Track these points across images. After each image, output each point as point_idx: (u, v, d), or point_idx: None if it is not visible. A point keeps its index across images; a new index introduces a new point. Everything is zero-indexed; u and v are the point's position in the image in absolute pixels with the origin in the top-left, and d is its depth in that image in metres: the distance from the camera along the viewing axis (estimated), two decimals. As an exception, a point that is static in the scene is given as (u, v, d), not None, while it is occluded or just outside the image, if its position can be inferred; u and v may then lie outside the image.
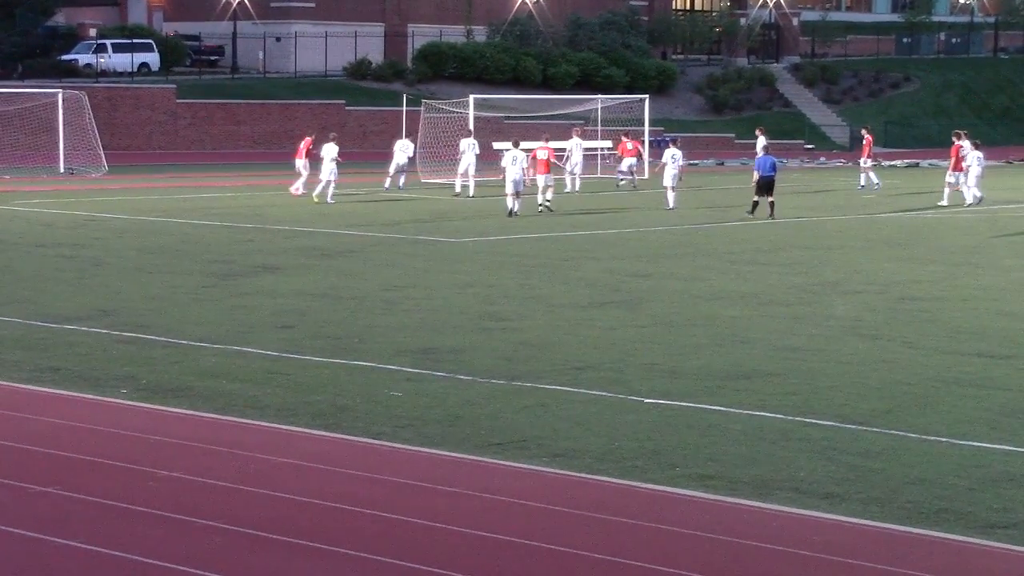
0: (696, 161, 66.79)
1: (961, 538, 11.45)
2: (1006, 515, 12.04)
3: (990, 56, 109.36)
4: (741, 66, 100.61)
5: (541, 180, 43.04)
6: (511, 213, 40.79)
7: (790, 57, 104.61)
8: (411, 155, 51.67)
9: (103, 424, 15.30)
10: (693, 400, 16.48)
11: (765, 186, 40.91)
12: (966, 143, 46.50)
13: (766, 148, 44.36)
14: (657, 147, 61.03)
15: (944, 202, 45.98)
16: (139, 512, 11.85)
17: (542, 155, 43.49)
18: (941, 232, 38.61)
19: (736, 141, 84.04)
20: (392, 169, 50.93)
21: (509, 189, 41.07)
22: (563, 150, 51.66)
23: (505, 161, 41.75)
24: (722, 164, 73.30)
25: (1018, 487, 12.91)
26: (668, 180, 43.92)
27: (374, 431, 14.95)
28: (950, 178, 46.43)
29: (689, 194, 47.77)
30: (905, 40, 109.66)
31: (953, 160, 46.36)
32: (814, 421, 15.44)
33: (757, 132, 51.60)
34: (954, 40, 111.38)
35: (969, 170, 45.99)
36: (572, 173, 51.64)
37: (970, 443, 14.51)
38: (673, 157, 44.03)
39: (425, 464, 13.77)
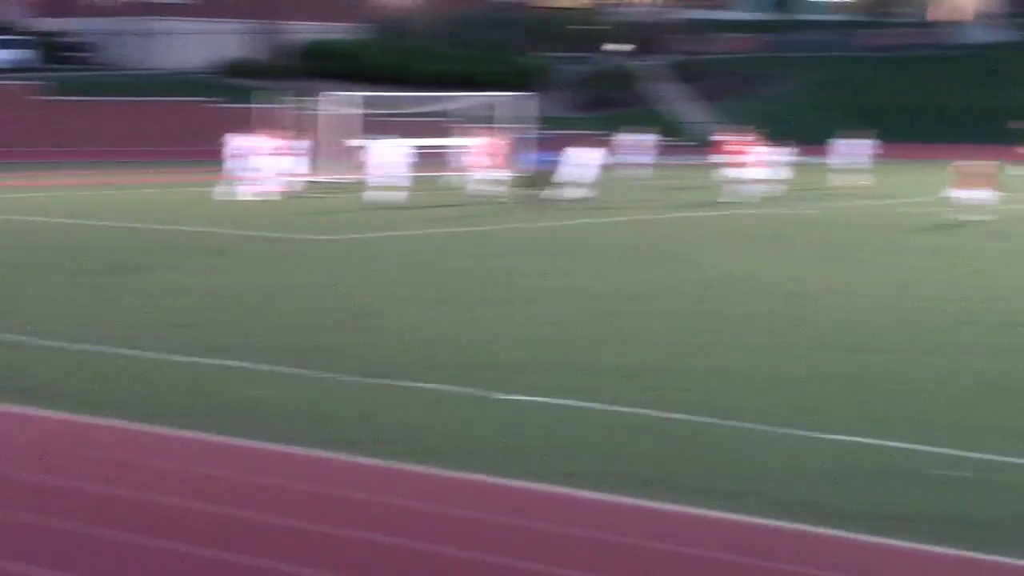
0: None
1: (821, 529, 11.52)
2: (863, 506, 12.17)
3: (859, 54, 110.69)
4: (614, 63, 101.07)
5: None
6: (392, 207, 41.09)
7: (662, 54, 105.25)
8: (301, 154, 50.91)
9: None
10: (579, 397, 16.41)
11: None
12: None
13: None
14: (539, 144, 61.04)
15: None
16: None
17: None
18: (808, 228, 39.04)
19: (609, 137, 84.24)
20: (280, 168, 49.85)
21: (390, 183, 41.53)
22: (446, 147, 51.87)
23: (385, 156, 41.98)
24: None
25: (875, 478, 13.11)
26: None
27: (240, 430, 14.76)
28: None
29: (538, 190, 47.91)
30: (777, 38, 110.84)
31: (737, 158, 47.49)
32: (701, 419, 15.50)
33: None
34: (824, 38, 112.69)
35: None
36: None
37: (852, 438, 14.59)
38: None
39: (290, 464, 13.66)
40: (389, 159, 44.78)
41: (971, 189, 38.93)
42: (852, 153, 57.04)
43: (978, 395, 16.95)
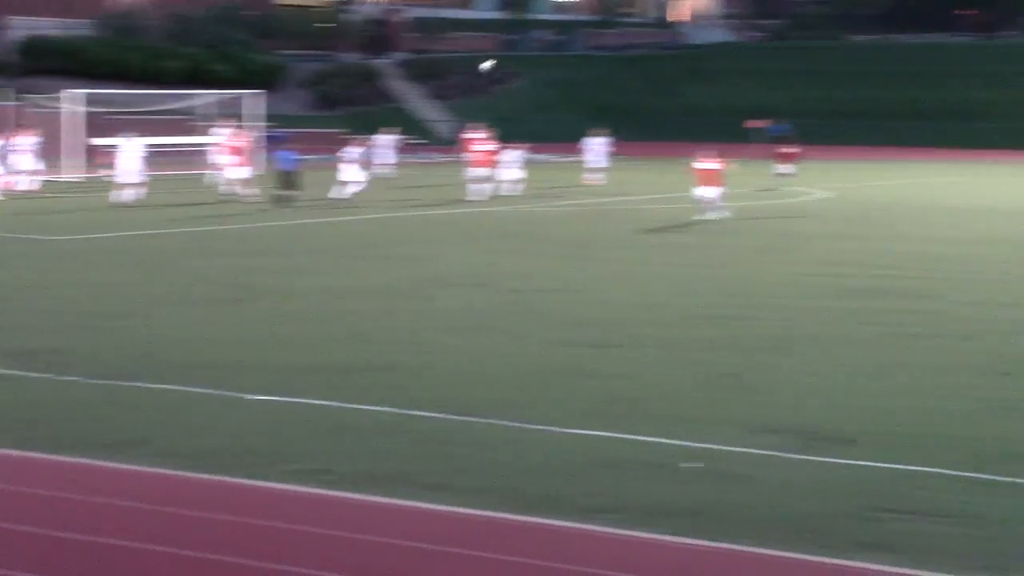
0: (310, 156, 66.46)
1: (568, 523, 11.73)
2: (608, 499, 12.39)
3: (589, 53, 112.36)
4: (348, 62, 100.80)
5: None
6: (138, 206, 40.68)
7: (397, 53, 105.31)
8: (31, 152, 49.20)
9: None
10: (307, 396, 16.44)
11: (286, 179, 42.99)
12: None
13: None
14: (270, 143, 60.62)
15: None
16: None
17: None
18: (546, 225, 39.46)
19: (344, 136, 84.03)
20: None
21: (124, 180, 41.22)
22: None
23: (130, 154, 41.61)
24: (332, 160, 73.21)
25: (620, 472, 13.32)
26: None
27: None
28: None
29: (311, 192, 47.53)
30: (508, 37, 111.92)
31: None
32: (430, 414, 15.58)
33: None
34: (556, 38, 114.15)
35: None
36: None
37: (578, 431, 14.87)
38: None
39: (29, 468, 13.37)
40: (133, 158, 44.04)
41: (708, 187, 39.68)
42: (591, 151, 57.61)
43: (708, 388, 17.29)
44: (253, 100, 61.88)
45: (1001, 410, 16.00)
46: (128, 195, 43.35)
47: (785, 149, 55.03)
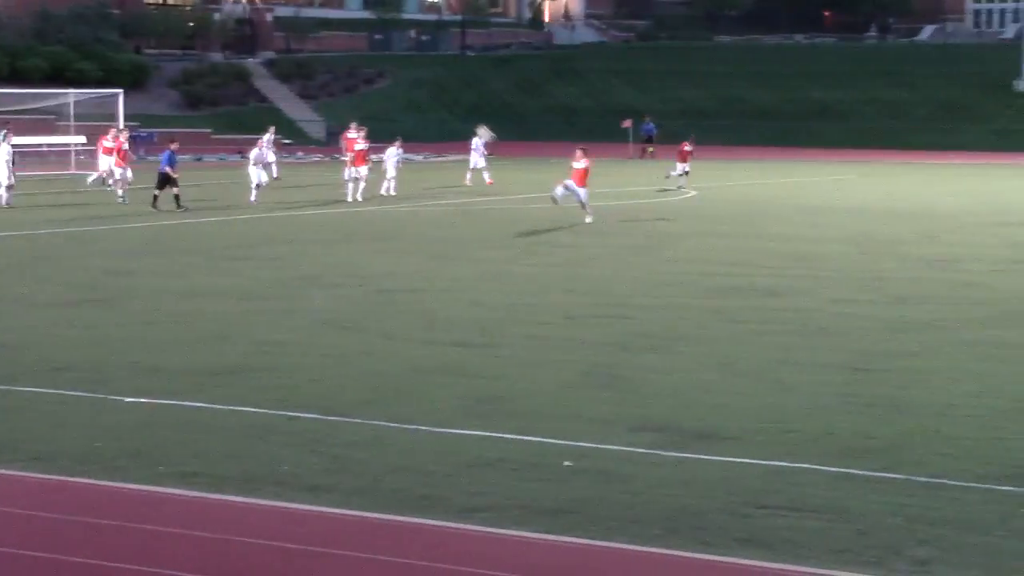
0: (185, 156, 66.01)
1: (442, 523, 11.75)
2: (482, 499, 12.43)
3: (458, 53, 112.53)
4: (216, 61, 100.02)
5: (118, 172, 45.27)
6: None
7: (265, 53, 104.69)
8: None
9: None
10: (176, 398, 16.33)
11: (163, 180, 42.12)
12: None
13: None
14: (135, 142, 60.00)
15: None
16: None
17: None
18: (416, 225, 39.46)
19: (213, 136, 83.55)
20: None
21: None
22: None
23: None
24: (200, 160, 72.70)
25: (492, 471, 13.35)
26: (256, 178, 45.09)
27: None
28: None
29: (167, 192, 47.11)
30: (377, 37, 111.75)
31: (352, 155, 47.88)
32: (297, 414, 15.55)
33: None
34: (424, 37, 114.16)
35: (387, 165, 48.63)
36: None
37: (448, 430, 14.91)
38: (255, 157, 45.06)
39: None
40: (1, 160, 43.39)
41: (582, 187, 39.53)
42: (470, 151, 57.50)
43: (581, 386, 17.37)
44: (116, 100, 61.18)
45: (859, 405, 16.25)
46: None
47: (686, 147, 55.14)
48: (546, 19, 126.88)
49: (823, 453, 14.05)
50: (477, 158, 56.35)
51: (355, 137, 48.97)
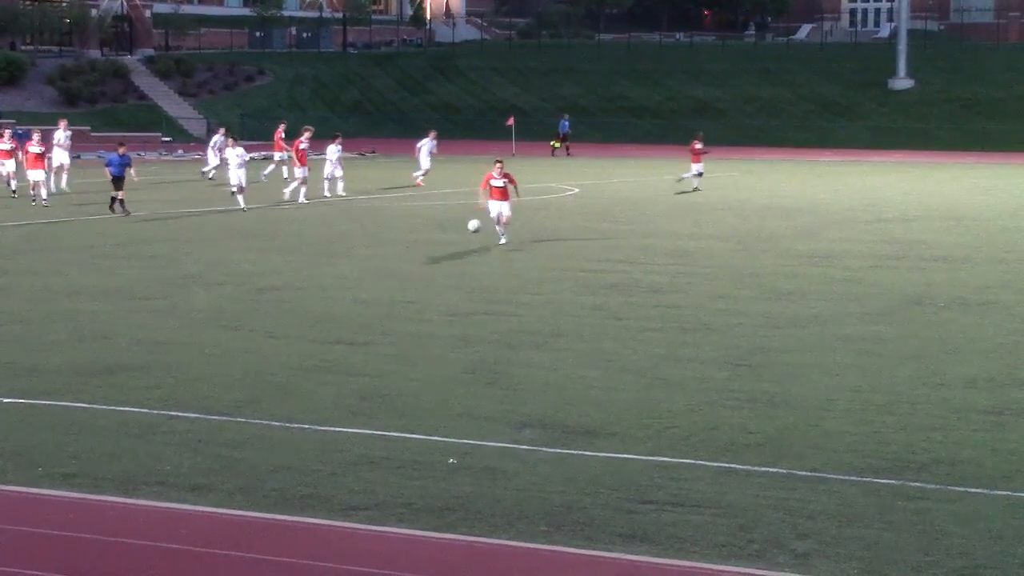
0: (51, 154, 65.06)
1: (325, 522, 11.71)
2: (365, 497, 12.40)
3: (339, 51, 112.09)
4: (94, 58, 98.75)
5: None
6: None
7: (144, 49, 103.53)
8: None
9: None
10: (54, 398, 16.13)
11: (117, 183, 40.21)
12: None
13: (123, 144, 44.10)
14: (16, 139, 59.02)
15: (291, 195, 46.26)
16: None
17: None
18: (300, 224, 39.22)
19: (92, 134, 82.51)
20: None
21: None
22: None
23: None
24: (78, 157, 71.67)
25: (377, 469, 13.32)
26: (236, 179, 42.82)
27: None
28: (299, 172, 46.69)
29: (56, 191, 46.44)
30: (258, 34, 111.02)
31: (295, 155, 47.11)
32: (179, 414, 15.44)
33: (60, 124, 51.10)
34: (305, 35, 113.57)
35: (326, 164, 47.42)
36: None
37: (331, 428, 14.87)
38: (239, 155, 42.97)
39: None
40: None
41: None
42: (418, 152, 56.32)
43: (464, 383, 17.38)
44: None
45: (740, 401, 16.40)
46: None
47: (697, 146, 52.45)
48: (428, 17, 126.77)
49: (705, 448, 14.16)
50: (424, 159, 55.30)
51: (280, 137, 47.98)
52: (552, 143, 78.36)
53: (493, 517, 11.83)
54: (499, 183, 33.22)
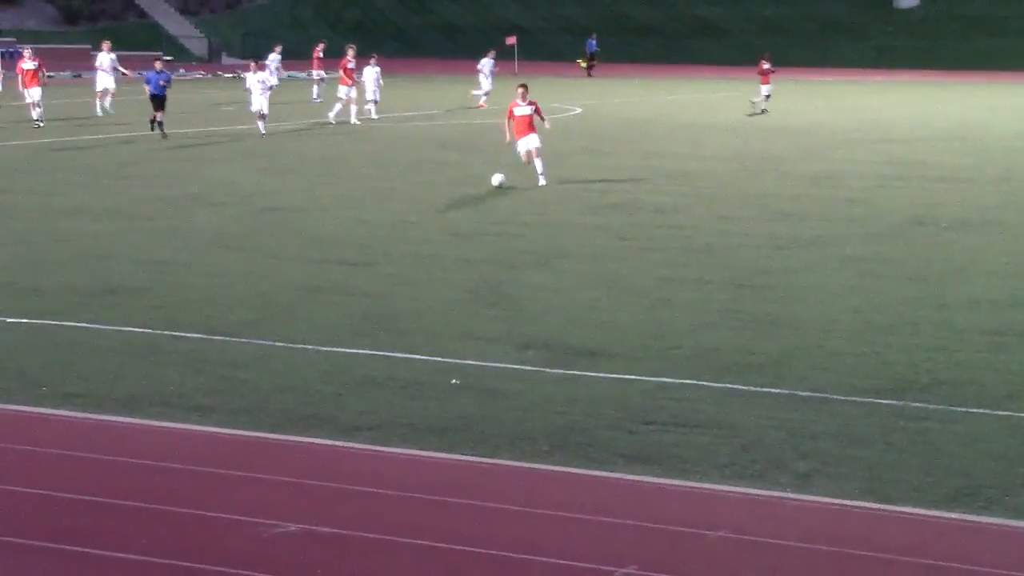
0: (53, 73, 64.76)
1: (329, 442, 11.73)
2: (369, 417, 12.42)
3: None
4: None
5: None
6: None
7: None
8: None
9: None
10: (57, 318, 16.13)
11: (158, 103, 38.83)
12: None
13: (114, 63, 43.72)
14: (7, 59, 58.76)
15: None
16: None
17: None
18: (301, 143, 39.13)
19: (93, 52, 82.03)
20: None
21: None
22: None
23: None
24: (79, 76, 71.45)
25: (379, 389, 13.33)
26: (257, 105, 40.63)
27: None
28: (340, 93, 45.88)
29: (55, 107, 46.20)
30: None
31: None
32: (182, 334, 15.44)
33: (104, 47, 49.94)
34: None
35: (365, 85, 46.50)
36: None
37: (334, 349, 14.87)
38: (262, 81, 40.90)
39: None
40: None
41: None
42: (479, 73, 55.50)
43: (467, 304, 17.39)
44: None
45: (742, 322, 16.40)
46: None
47: (764, 66, 52.18)
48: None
49: (708, 369, 14.17)
50: (485, 80, 54.63)
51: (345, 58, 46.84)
52: (579, 62, 77.93)
53: (495, 437, 11.85)
54: (525, 111, 29.40)
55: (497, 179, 28.50)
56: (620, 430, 12.07)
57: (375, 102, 46.91)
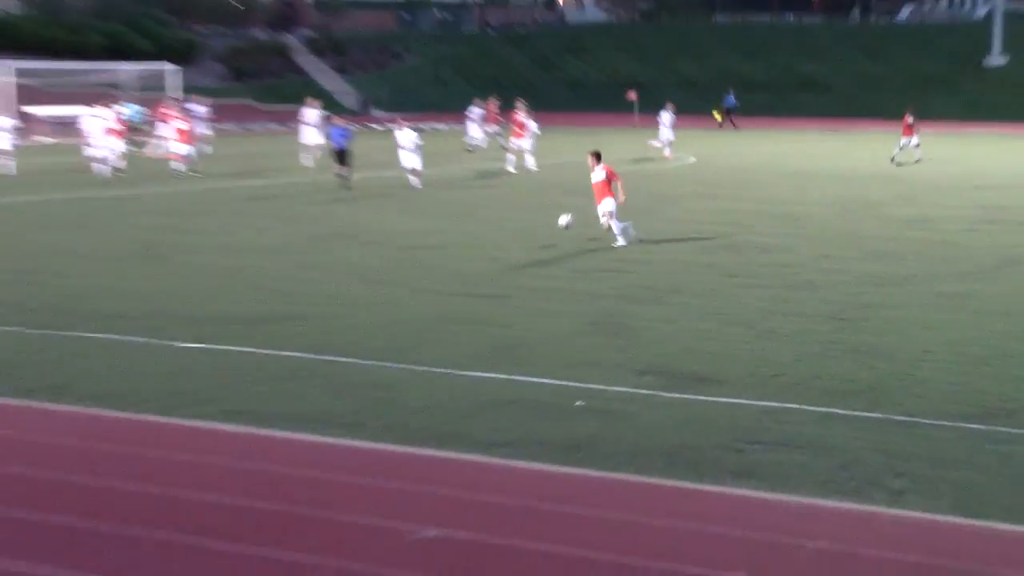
0: (223, 125, 65.86)
1: (464, 456, 11.79)
2: (502, 434, 12.45)
3: (479, 32, 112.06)
4: (258, 38, 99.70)
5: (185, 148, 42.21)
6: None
7: (302, 30, 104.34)
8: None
9: None
10: (224, 343, 16.37)
11: (340, 157, 38.63)
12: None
13: (329, 118, 43.44)
14: (189, 113, 59.80)
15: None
16: None
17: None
18: (447, 189, 39.34)
19: (255, 107, 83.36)
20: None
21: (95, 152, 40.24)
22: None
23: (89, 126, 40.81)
24: (246, 128, 72.56)
25: (510, 410, 13.36)
26: (410, 163, 39.15)
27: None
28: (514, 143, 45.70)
29: (224, 160, 47.07)
30: (405, 16, 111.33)
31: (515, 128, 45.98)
32: (332, 358, 15.59)
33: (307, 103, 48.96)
34: (448, 17, 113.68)
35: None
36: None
37: (468, 373, 14.92)
38: (412, 139, 39.13)
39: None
40: (97, 128, 42.21)
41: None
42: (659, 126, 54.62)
43: (589, 334, 17.39)
44: (171, 73, 61.14)
45: (841, 352, 16.25)
46: (102, 167, 41.70)
47: (908, 121, 51.04)
48: (560, 1, 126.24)
49: (809, 395, 14.06)
50: (667, 132, 53.67)
51: (520, 111, 46.62)
52: (715, 114, 77.50)
53: (615, 454, 11.85)
54: (599, 176, 26.75)
55: (564, 220, 26.59)
56: (728, 449, 12.03)
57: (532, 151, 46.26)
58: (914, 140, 50.43)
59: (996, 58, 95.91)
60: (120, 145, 42.24)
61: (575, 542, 9.65)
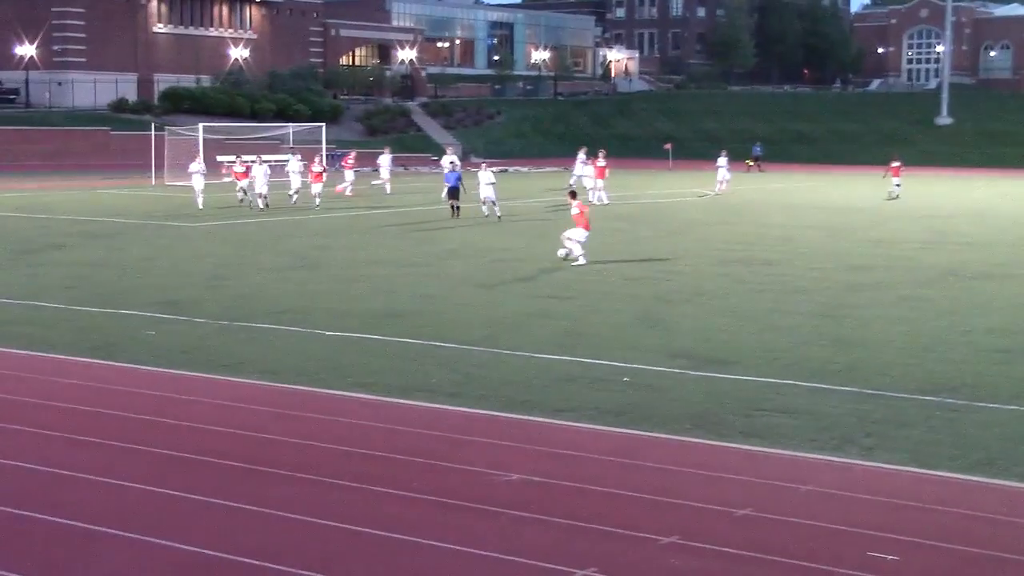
0: (366, 168, 65.67)
1: (539, 419, 11.75)
2: (567, 402, 12.42)
3: (552, 98, 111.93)
4: (387, 104, 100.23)
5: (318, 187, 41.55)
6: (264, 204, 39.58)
7: (421, 97, 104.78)
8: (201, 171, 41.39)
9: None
10: (360, 332, 16.44)
11: (453, 193, 37.86)
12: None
13: (453, 164, 43.35)
14: (331, 160, 60.22)
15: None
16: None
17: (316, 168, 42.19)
18: (532, 219, 39.29)
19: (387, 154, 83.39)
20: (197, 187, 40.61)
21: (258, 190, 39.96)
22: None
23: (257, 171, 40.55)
24: (376, 171, 72.50)
25: (574, 384, 13.32)
26: (484, 195, 36.80)
27: (136, 360, 14.41)
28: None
29: (365, 196, 47.17)
30: (497, 87, 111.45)
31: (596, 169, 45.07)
32: (440, 344, 15.60)
33: (448, 152, 47.78)
34: (528, 87, 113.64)
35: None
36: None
37: (543, 355, 14.89)
38: (487, 179, 36.99)
39: (168, 381, 13.35)
40: (262, 174, 41.75)
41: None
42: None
43: (634, 326, 17.29)
44: (319, 131, 61.54)
45: (826, 341, 16.06)
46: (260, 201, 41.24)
47: (894, 164, 49.96)
48: (613, 74, 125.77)
49: (801, 373, 13.89)
50: (724, 172, 51.32)
51: (599, 157, 45.67)
52: (747, 162, 76.48)
53: (653, 419, 11.77)
54: (574, 211, 25.15)
55: (561, 253, 24.68)
56: (739, 415, 11.90)
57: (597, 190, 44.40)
58: (895, 181, 49.63)
59: (944, 119, 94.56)
60: (319, 187, 41.94)
61: (622, 485, 9.60)
